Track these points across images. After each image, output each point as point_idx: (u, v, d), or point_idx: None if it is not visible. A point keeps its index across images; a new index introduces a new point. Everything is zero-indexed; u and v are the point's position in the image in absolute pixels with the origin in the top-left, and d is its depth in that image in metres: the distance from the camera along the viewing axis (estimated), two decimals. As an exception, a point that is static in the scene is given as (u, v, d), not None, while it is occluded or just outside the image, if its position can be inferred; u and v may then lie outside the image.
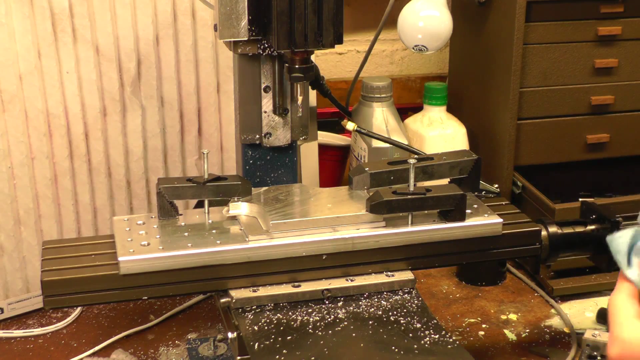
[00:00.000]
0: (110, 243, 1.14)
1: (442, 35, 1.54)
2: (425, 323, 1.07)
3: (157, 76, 1.51)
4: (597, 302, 1.54)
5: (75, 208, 1.51)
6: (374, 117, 1.63)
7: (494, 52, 1.68)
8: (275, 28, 1.12)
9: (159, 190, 1.18)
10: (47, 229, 1.50)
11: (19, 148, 1.43)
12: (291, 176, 1.33)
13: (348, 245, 1.13)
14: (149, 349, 1.40)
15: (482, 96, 1.75)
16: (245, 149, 1.30)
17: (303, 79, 1.18)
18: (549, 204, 1.56)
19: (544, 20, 1.60)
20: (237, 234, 1.13)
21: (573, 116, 1.68)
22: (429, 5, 1.53)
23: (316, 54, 1.26)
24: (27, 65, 1.40)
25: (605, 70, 1.66)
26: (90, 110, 1.48)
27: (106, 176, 1.52)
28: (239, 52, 1.21)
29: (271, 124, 1.27)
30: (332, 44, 1.14)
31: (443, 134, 1.70)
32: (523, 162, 1.68)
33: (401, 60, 2.08)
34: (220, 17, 1.17)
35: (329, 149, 1.82)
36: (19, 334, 1.45)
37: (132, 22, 1.46)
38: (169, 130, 1.55)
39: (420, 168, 1.23)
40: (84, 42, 1.43)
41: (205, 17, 1.50)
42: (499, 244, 1.20)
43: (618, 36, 1.64)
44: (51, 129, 1.46)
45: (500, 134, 1.68)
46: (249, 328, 1.05)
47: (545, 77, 1.64)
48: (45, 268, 1.09)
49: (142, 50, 1.48)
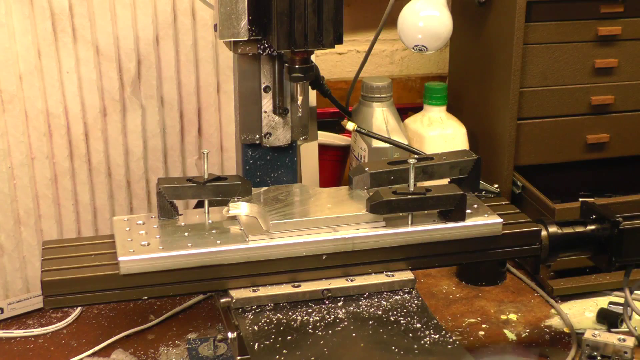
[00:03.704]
0: (110, 243, 1.14)
1: (442, 35, 1.54)
2: (425, 323, 1.07)
3: (157, 76, 1.51)
4: (597, 302, 1.54)
5: (75, 208, 1.52)
6: (374, 117, 1.63)
7: (494, 52, 1.68)
8: (275, 28, 1.12)
9: (159, 190, 1.18)
10: (47, 229, 1.50)
11: (19, 148, 1.43)
12: (291, 176, 1.33)
13: (348, 245, 1.13)
14: (149, 349, 1.40)
15: (482, 96, 1.75)
16: (245, 149, 1.30)
17: (303, 79, 1.18)
18: (549, 204, 1.56)
19: (544, 20, 1.61)
20: (237, 234, 1.13)
21: (573, 116, 1.68)
22: (429, 5, 1.53)
23: (316, 54, 1.26)
24: (27, 65, 1.40)
25: (605, 70, 1.66)
26: (90, 110, 1.48)
27: (106, 176, 1.52)
28: (239, 52, 1.21)
29: (271, 124, 1.28)
30: (332, 44, 1.14)
31: (443, 134, 1.70)
32: (523, 162, 1.68)
33: (401, 60, 2.08)
34: (220, 17, 1.17)
35: (329, 149, 1.82)
36: (19, 334, 1.45)
37: (132, 22, 1.46)
38: (169, 130, 1.56)
39: (420, 168, 1.23)
40: (84, 42, 1.44)
41: (205, 17, 1.50)
42: (499, 244, 1.20)
43: (618, 36, 1.64)
44: (51, 129, 1.46)
45: (500, 134, 1.68)
46: (249, 328, 1.05)
47: (545, 77, 1.64)
48: (45, 268, 1.09)
49: (142, 50, 1.49)
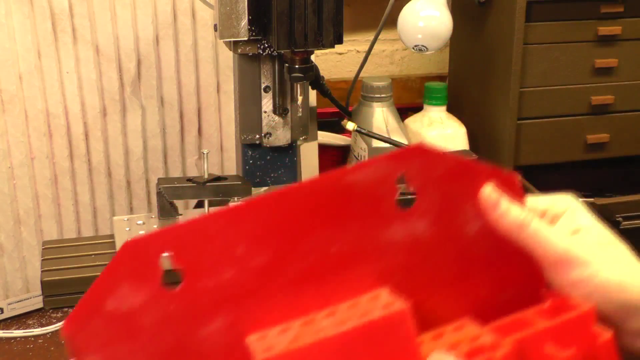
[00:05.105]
0: (110, 243, 1.14)
1: (442, 35, 1.54)
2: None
3: (157, 76, 1.51)
4: (597, 302, 1.53)
5: (75, 208, 1.51)
6: (374, 117, 1.63)
7: (494, 52, 1.68)
8: (275, 28, 1.11)
9: (159, 190, 1.18)
10: (47, 229, 1.50)
11: (19, 148, 1.43)
12: (291, 176, 1.33)
13: (348, 245, 1.13)
14: (149, 349, 1.40)
15: (482, 96, 1.75)
16: (245, 149, 1.30)
17: (303, 79, 1.18)
18: (549, 204, 1.56)
19: (544, 20, 1.60)
20: (237, 234, 1.13)
21: (573, 116, 1.68)
22: (429, 5, 1.53)
23: (316, 54, 1.26)
24: (27, 65, 1.40)
25: (605, 70, 1.66)
26: (90, 110, 1.48)
27: (106, 176, 1.52)
28: (239, 52, 1.21)
29: (271, 124, 1.27)
30: (332, 44, 1.14)
31: (443, 134, 1.69)
32: (523, 162, 1.68)
33: (401, 60, 2.08)
34: (220, 17, 1.17)
35: (329, 149, 1.82)
36: (19, 334, 1.45)
37: (132, 22, 1.46)
38: (169, 130, 1.55)
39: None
40: (84, 42, 1.43)
41: (205, 17, 1.50)
42: (499, 244, 1.20)
43: (618, 36, 1.64)
44: (51, 129, 1.46)
45: (500, 134, 1.68)
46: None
47: (545, 77, 1.64)
48: (45, 268, 1.08)
49: (142, 50, 1.48)
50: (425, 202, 0.60)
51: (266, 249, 0.55)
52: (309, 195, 0.56)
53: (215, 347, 0.55)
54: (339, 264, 0.58)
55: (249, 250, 0.55)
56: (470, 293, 0.62)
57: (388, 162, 0.58)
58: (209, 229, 0.54)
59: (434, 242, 0.61)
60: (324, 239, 0.57)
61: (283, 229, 0.56)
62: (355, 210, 0.58)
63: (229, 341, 0.55)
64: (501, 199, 0.62)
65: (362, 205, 0.58)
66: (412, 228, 0.60)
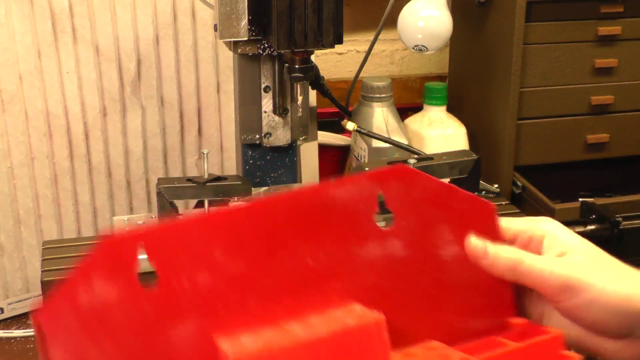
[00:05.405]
0: (110, 243, 1.13)
1: (442, 35, 1.54)
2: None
3: (157, 76, 1.51)
4: (597, 302, 1.53)
5: (75, 208, 1.51)
6: (374, 117, 1.63)
7: (494, 52, 1.68)
8: (275, 28, 1.11)
9: (159, 190, 1.17)
10: (47, 229, 1.50)
11: (19, 148, 1.43)
12: (291, 176, 1.33)
13: (348, 245, 1.13)
14: (149, 349, 1.40)
15: (482, 96, 1.75)
16: (245, 149, 1.30)
17: (303, 79, 1.18)
18: (549, 204, 1.56)
19: (544, 20, 1.60)
20: (237, 234, 1.13)
21: (573, 116, 1.68)
22: (429, 5, 1.53)
23: (316, 54, 1.26)
24: (27, 65, 1.40)
25: (605, 70, 1.66)
26: (90, 110, 1.48)
27: (106, 176, 1.52)
28: (239, 52, 1.21)
29: (271, 124, 1.27)
30: (332, 44, 1.14)
31: (443, 134, 1.69)
32: (523, 162, 1.68)
33: (401, 60, 2.08)
34: (220, 17, 1.17)
35: (329, 149, 1.82)
36: (19, 334, 1.45)
37: (132, 22, 1.46)
38: (169, 130, 1.55)
39: (420, 168, 1.23)
40: (84, 42, 1.43)
41: (205, 17, 1.50)
42: (499, 244, 1.20)
43: (618, 36, 1.64)
44: (51, 129, 1.46)
45: (500, 134, 1.68)
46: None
47: (545, 77, 1.64)
48: (45, 268, 1.08)
49: (142, 50, 1.48)
50: (403, 223, 0.61)
51: (242, 256, 0.55)
52: (289, 208, 0.57)
53: (185, 349, 0.55)
54: (314, 277, 0.58)
55: (224, 257, 0.55)
56: (440, 316, 0.62)
57: (369, 180, 0.59)
58: (186, 232, 0.54)
59: (408, 263, 0.61)
60: (301, 251, 0.57)
61: (260, 239, 0.56)
62: (333, 225, 0.58)
63: (199, 344, 0.55)
64: (487, 246, 0.63)
65: (340, 221, 0.59)
66: (388, 248, 0.61)
